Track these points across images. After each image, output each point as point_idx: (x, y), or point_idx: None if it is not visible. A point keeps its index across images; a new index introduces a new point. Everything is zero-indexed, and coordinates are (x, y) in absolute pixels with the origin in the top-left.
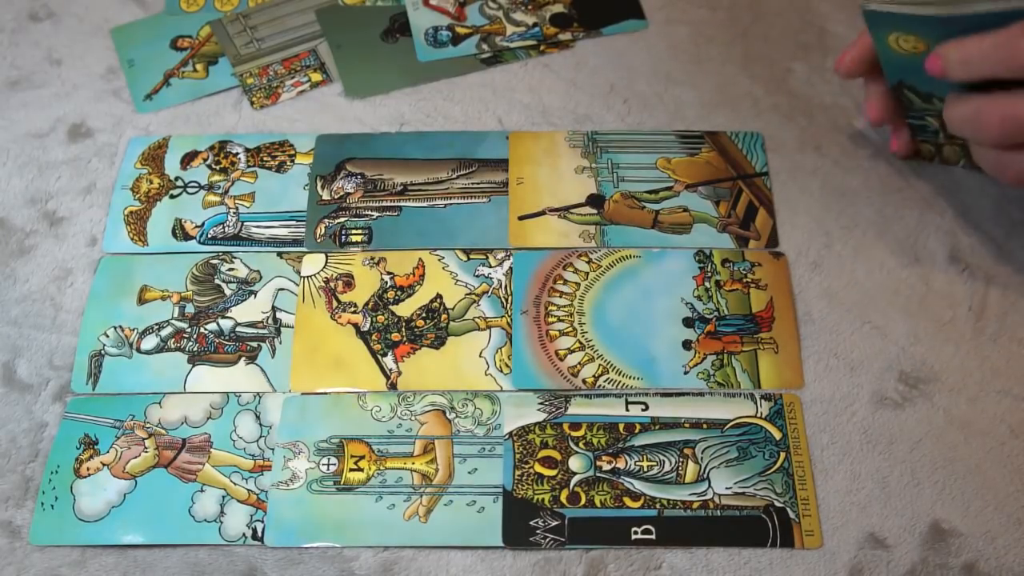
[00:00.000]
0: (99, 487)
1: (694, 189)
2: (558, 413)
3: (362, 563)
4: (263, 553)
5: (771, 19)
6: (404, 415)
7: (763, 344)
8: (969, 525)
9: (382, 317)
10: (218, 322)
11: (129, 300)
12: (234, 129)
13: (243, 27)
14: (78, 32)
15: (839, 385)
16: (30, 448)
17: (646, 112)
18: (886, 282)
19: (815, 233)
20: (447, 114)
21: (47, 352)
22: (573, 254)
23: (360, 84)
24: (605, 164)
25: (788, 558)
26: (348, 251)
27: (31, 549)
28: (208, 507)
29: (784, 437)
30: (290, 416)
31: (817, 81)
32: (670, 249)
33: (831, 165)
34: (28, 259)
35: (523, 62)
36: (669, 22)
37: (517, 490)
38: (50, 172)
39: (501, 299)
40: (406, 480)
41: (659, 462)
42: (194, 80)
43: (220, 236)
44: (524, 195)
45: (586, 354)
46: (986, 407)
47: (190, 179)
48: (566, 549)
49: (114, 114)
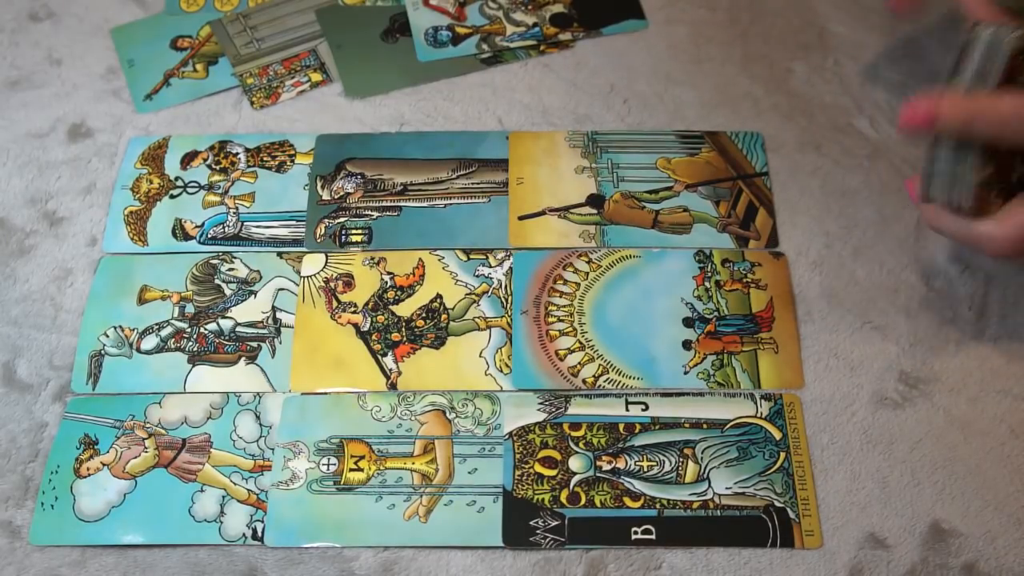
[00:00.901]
0: (99, 487)
1: (694, 189)
2: (558, 413)
3: (362, 563)
4: (263, 553)
5: (771, 19)
6: (404, 415)
7: (763, 344)
8: (969, 525)
9: (382, 317)
10: (218, 322)
11: (129, 300)
12: (234, 129)
13: (243, 27)
14: (78, 32)
15: (839, 385)
16: (30, 448)
17: (646, 112)
18: (886, 282)
19: (815, 233)
20: (447, 114)
21: (47, 352)
22: (573, 254)
23: (360, 84)
24: (605, 164)
25: (788, 558)
26: (348, 251)
27: (31, 549)
28: (208, 507)
29: (784, 437)
30: (290, 416)
31: (817, 81)
32: (670, 249)
33: (831, 165)
34: (28, 259)
35: (523, 62)
36: (669, 22)
37: (517, 490)
38: (50, 172)
39: (501, 299)
40: (406, 480)
41: (659, 462)
42: (194, 80)
43: (220, 236)
44: (524, 195)
45: (586, 354)
46: (986, 407)
47: (190, 179)
48: (566, 549)
49: (114, 114)
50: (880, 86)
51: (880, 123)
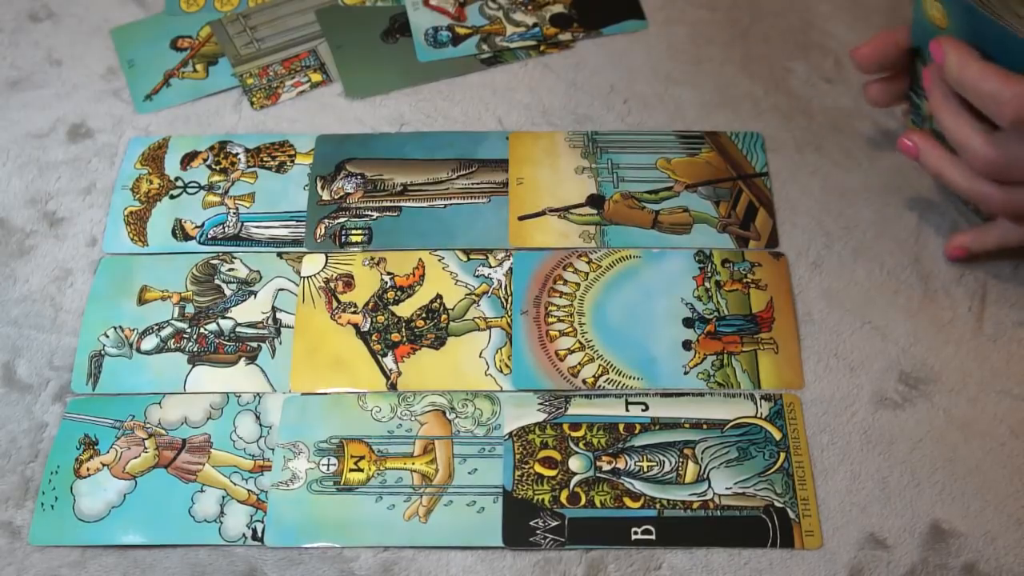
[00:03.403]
0: (99, 487)
1: (694, 189)
2: (558, 413)
3: (362, 563)
4: (263, 553)
5: (771, 19)
6: (404, 415)
7: (763, 344)
8: (969, 525)
9: (382, 317)
10: (218, 322)
11: (129, 300)
12: (234, 129)
13: (243, 27)
14: (78, 32)
15: (839, 385)
16: (30, 448)
17: (646, 112)
18: (886, 282)
19: (815, 233)
20: (447, 114)
21: (47, 352)
22: (573, 254)
23: (360, 84)
24: (605, 164)
25: (788, 558)
26: (348, 251)
27: (31, 549)
28: (208, 507)
29: (784, 437)
30: (290, 416)
31: (817, 81)
32: (670, 249)
33: (831, 165)
34: (28, 259)
35: (523, 62)
36: (669, 22)
37: (517, 490)
38: (50, 172)
39: (501, 299)
40: (406, 480)
41: (659, 462)
42: (194, 80)
43: (220, 236)
44: (524, 195)
45: (586, 354)
46: (986, 407)
47: (190, 179)
48: (566, 549)
49: (114, 114)
50: None
51: (880, 123)
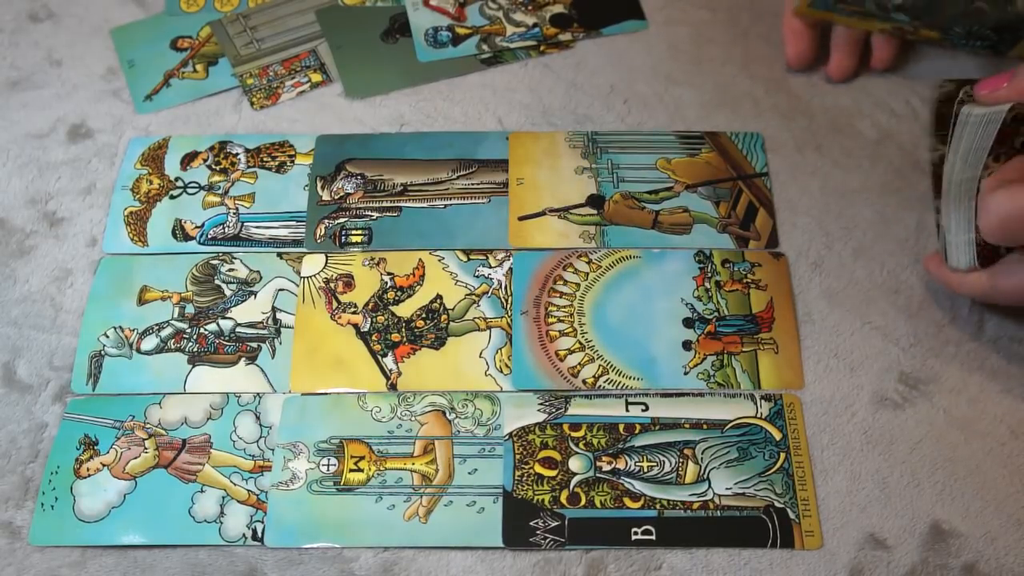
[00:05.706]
0: (99, 487)
1: (694, 189)
2: (558, 414)
3: (362, 563)
4: (263, 554)
5: (771, 19)
6: (404, 415)
7: (763, 344)
8: (969, 526)
9: (382, 317)
10: (218, 322)
11: (129, 301)
12: (234, 129)
13: (243, 27)
14: (78, 32)
15: (839, 385)
16: (30, 448)
17: (646, 112)
18: (886, 282)
19: (815, 233)
20: (447, 114)
21: (47, 352)
22: (573, 254)
23: (360, 84)
24: (605, 164)
25: (788, 559)
26: (348, 251)
27: (31, 550)
28: (208, 508)
29: (784, 438)
30: (290, 416)
31: (817, 81)
32: (670, 249)
33: (831, 165)
34: (28, 259)
35: (523, 62)
36: (669, 22)
37: (517, 490)
38: (50, 172)
39: (501, 299)
40: (406, 480)
41: (659, 463)
42: (194, 80)
43: (220, 237)
44: (524, 195)
45: (586, 355)
46: (986, 407)
47: (190, 179)
48: (566, 549)
49: (114, 114)
50: (881, 86)
51: (880, 123)
